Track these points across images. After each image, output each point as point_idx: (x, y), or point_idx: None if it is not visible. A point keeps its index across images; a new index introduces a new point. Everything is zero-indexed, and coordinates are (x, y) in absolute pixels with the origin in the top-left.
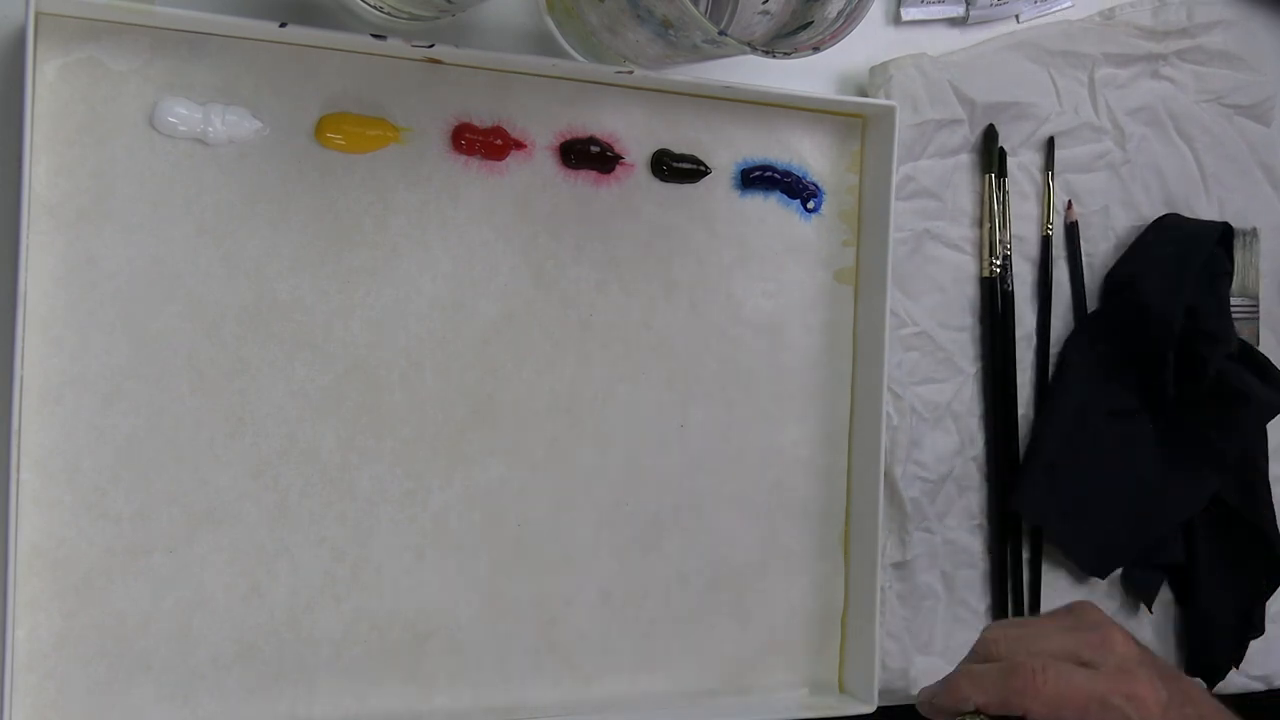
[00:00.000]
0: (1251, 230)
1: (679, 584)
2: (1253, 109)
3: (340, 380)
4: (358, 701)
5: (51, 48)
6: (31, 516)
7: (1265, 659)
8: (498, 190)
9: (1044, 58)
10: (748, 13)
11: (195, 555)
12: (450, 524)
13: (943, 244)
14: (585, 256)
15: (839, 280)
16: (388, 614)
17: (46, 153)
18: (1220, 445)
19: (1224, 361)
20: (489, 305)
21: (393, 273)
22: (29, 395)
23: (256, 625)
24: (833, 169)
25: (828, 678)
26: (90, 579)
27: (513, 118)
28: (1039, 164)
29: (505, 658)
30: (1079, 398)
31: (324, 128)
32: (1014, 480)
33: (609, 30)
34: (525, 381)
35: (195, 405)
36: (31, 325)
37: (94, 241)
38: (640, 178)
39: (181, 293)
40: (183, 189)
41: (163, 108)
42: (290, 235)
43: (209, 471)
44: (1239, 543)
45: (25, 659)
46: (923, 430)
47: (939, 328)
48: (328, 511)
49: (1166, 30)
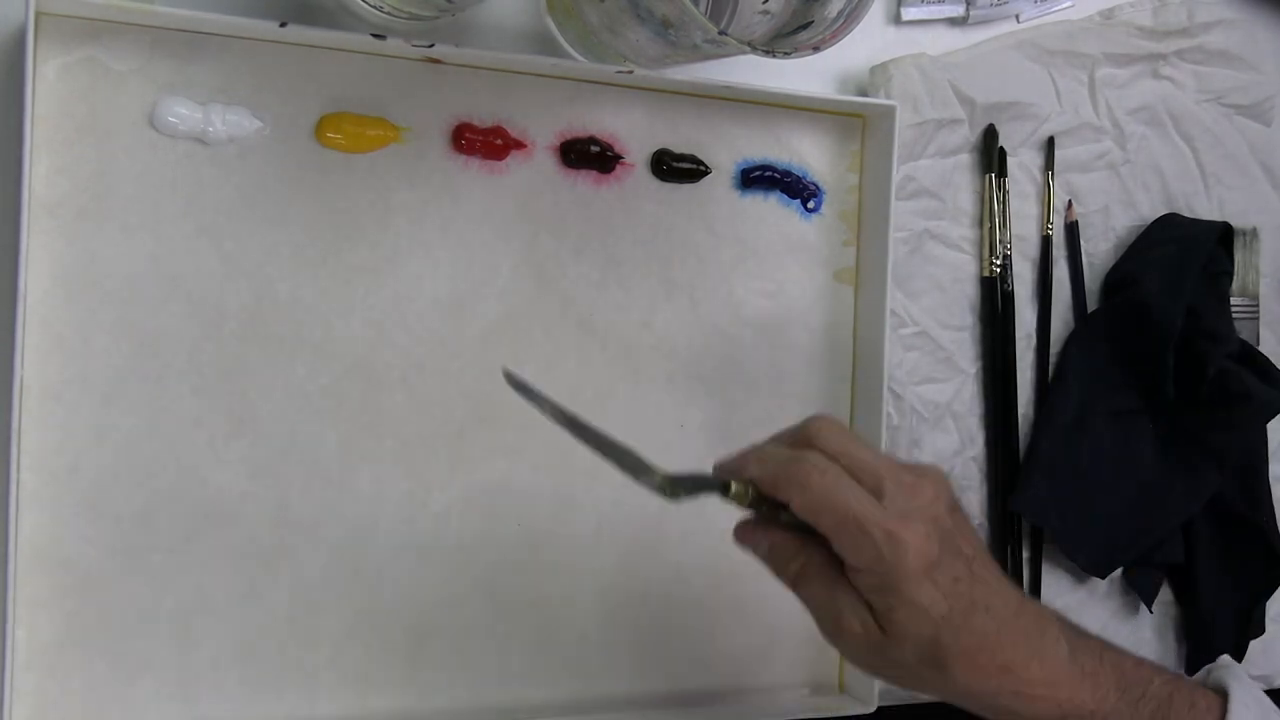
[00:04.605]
0: (1251, 230)
1: (679, 584)
2: (1253, 109)
3: (340, 380)
4: (358, 701)
5: (51, 48)
6: (31, 516)
7: (1265, 659)
8: (498, 190)
9: (1044, 57)
10: (748, 12)
11: (195, 555)
12: (450, 524)
13: (943, 244)
14: (585, 256)
15: (839, 280)
16: (388, 614)
17: (46, 153)
18: (1220, 445)
19: (1224, 361)
20: (489, 305)
21: (393, 273)
22: (29, 395)
23: (256, 625)
24: (833, 169)
25: (828, 678)
26: (90, 579)
27: (513, 118)
28: (1039, 164)
29: (505, 658)
30: (1079, 398)
31: (324, 128)
32: (1014, 480)
33: (609, 30)
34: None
35: (195, 405)
36: (31, 325)
37: (94, 241)
38: (640, 177)
39: (181, 293)
40: (183, 189)
41: (163, 108)
42: (290, 235)
43: (209, 471)
44: (1239, 543)
45: (25, 659)
46: (923, 430)
47: (939, 328)
48: (328, 511)
49: (1166, 30)
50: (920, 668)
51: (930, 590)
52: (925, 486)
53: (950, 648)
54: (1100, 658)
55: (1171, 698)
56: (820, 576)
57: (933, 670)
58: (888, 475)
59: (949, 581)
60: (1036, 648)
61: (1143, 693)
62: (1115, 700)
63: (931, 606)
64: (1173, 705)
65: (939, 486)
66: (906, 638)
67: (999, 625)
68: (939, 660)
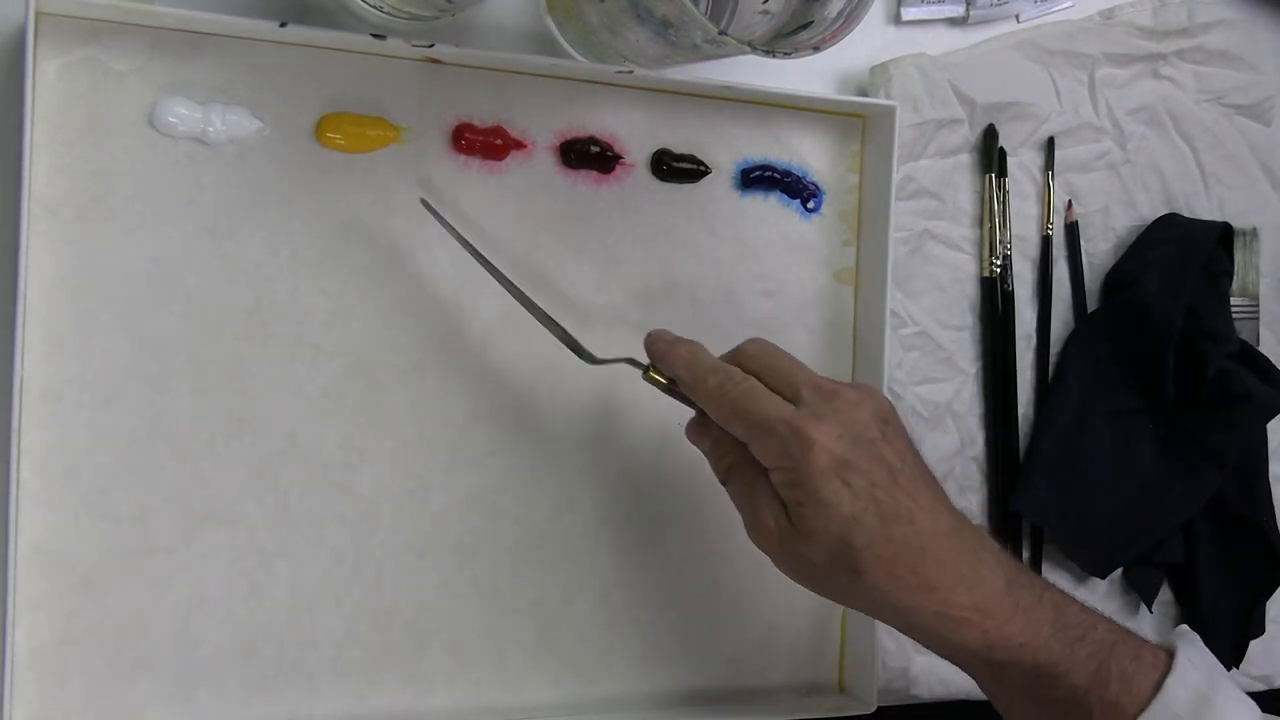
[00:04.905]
0: (1251, 230)
1: (679, 584)
2: (1253, 109)
3: (340, 380)
4: (358, 701)
5: (51, 48)
6: (31, 516)
7: (1265, 659)
8: (498, 190)
9: (1044, 57)
10: (748, 12)
11: (195, 555)
12: (450, 524)
13: (943, 244)
14: (585, 256)
15: (839, 280)
16: (388, 614)
17: (46, 153)
18: (1220, 445)
19: (1224, 361)
20: (489, 305)
21: (393, 273)
22: (29, 395)
23: (256, 625)
24: (833, 169)
25: (828, 678)
26: (90, 579)
27: (513, 118)
28: (1039, 164)
29: (505, 658)
30: (1079, 398)
31: (324, 128)
32: (1014, 480)
33: (609, 30)
34: (525, 381)
35: (195, 405)
36: (31, 325)
37: (94, 241)
38: (640, 177)
39: (181, 293)
40: (183, 189)
41: (163, 108)
42: (290, 235)
43: (209, 471)
44: (1239, 543)
45: (25, 659)
46: (923, 430)
47: (939, 328)
48: (328, 511)
49: (1167, 30)
50: (834, 570)
51: (839, 488)
52: (848, 394)
53: (863, 552)
54: (1040, 597)
55: (1114, 647)
56: (746, 474)
57: (848, 575)
58: (805, 383)
59: (864, 485)
60: (967, 573)
61: (1082, 635)
62: (1049, 637)
63: (839, 504)
64: (1114, 653)
65: (867, 397)
66: (815, 534)
67: (923, 540)
68: (852, 564)
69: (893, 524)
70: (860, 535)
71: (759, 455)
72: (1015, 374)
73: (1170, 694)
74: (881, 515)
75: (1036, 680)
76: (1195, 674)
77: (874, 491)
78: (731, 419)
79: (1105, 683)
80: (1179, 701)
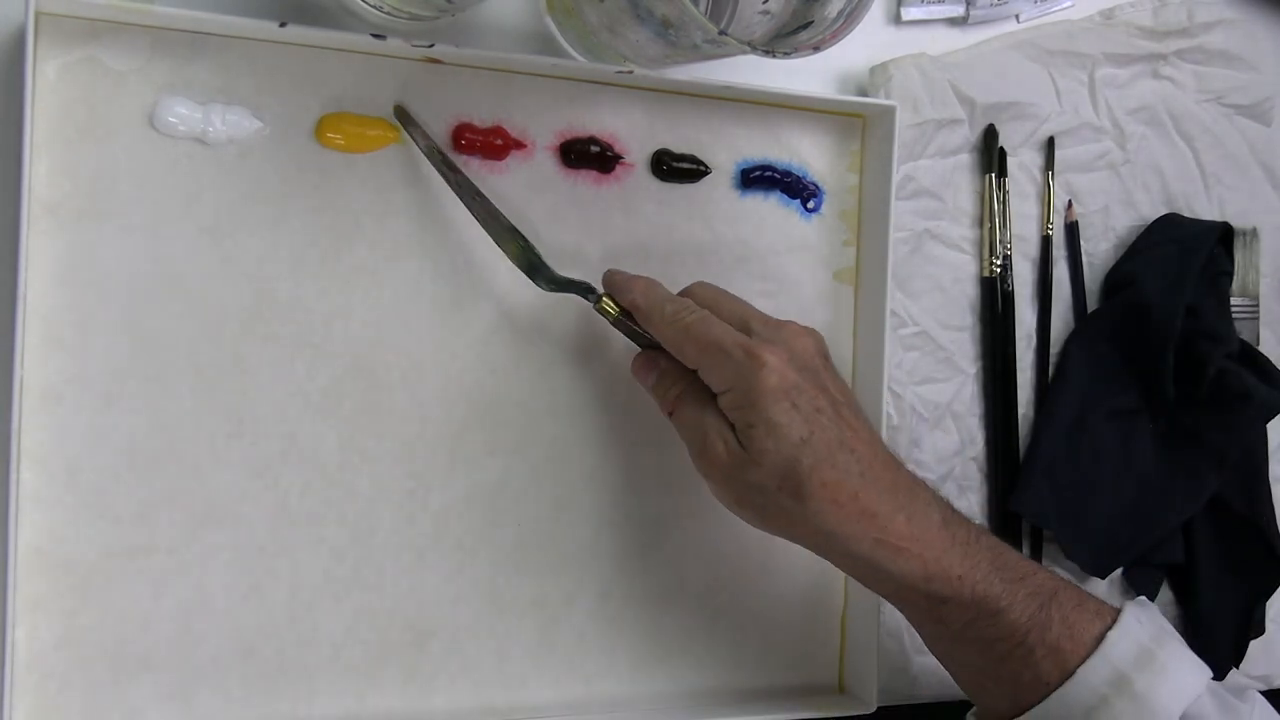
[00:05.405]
0: (1251, 230)
1: (679, 584)
2: (1253, 109)
3: (340, 380)
4: (358, 701)
5: (51, 48)
6: (31, 516)
7: (1265, 659)
8: (498, 190)
9: (1044, 58)
10: (748, 12)
11: (195, 555)
12: (450, 524)
13: (943, 244)
14: (585, 256)
15: (839, 280)
16: (388, 614)
17: (46, 153)
18: (1220, 445)
19: (1224, 361)
20: (489, 305)
21: (393, 273)
22: (29, 395)
23: (256, 625)
24: (833, 169)
25: (828, 678)
26: (90, 579)
27: (513, 118)
28: (1039, 164)
29: (505, 658)
30: (1079, 398)
31: (324, 128)
32: (1014, 480)
33: (609, 30)
34: (525, 381)
35: (195, 405)
36: (31, 325)
37: (94, 241)
38: (640, 177)
39: (181, 293)
40: (183, 189)
41: (163, 108)
42: (290, 235)
43: (209, 471)
44: (1239, 543)
45: (25, 659)
46: (923, 430)
47: (939, 328)
48: (328, 511)
49: (1166, 30)
50: (780, 495)
51: (788, 410)
52: (794, 328)
53: (809, 476)
54: (978, 538)
55: (1056, 593)
56: (694, 401)
57: (792, 500)
58: (754, 318)
59: (810, 409)
60: (905, 503)
61: (1022, 577)
62: (988, 572)
63: (789, 426)
64: (1056, 598)
65: (809, 331)
66: (764, 455)
67: (864, 469)
68: (797, 489)
69: (836, 450)
70: (807, 457)
71: (710, 379)
72: (1015, 374)
73: (1112, 645)
74: (826, 441)
75: (976, 618)
76: (1141, 629)
77: (819, 417)
78: (686, 343)
79: (1046, 625)
80: (1121, 653)
